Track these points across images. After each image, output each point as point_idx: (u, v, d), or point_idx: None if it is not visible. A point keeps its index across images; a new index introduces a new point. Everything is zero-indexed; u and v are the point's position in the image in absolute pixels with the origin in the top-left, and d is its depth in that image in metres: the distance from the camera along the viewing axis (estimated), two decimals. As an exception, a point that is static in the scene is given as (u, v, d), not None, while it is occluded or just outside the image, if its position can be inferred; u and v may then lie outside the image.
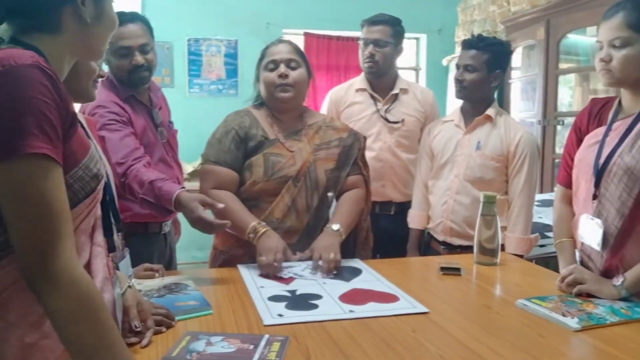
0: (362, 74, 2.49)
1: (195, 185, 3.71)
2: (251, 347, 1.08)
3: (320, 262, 1.63)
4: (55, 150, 0.80)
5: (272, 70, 1.80)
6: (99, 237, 0.98)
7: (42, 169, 0.78)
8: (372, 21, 2.38)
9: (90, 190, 0.91)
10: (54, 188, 0.79)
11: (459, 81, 2.09)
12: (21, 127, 0.77)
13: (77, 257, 0.82)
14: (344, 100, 2.46)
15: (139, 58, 1.85)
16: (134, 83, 1.90)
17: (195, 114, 4.49)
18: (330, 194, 1.86)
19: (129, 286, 1.17)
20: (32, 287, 0.79)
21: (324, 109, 2.51)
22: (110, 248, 1.05)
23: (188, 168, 4.23)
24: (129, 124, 1.84)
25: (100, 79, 1.18)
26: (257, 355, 1.04)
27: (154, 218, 1.91)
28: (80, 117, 1.11)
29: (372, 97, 2.42)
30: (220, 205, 1.56)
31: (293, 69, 1.81)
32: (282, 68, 1.79)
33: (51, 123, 0.80)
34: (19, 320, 0.83)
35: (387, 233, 2.11)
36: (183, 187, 1.62)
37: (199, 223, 1.54)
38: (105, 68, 1.91)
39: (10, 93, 0.78)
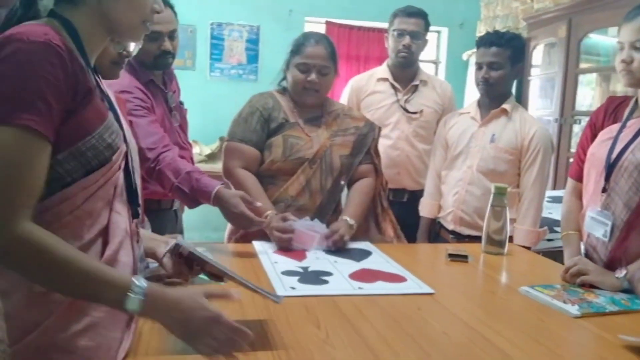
0: (385, 64, 2.53)
1: (212, 167, 3.80)
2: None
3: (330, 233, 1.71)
4: (43, 124, 0.85)
5: (303, 72, 1.85)
6: (118, 205, 1.02)
7: (21, 140, 0.83)
8: (409, 13, 2.42)
9: (104, 159, 0.95)
10: (28, 160, 0.84)
11: (485, 79, 2.11)
12: (12, 98, 0.83)
13: (28, 222, 0.85)
14: (364, 89, 2.51)
15: (167, 44, 1.86)
16: (158, 68, 1.92)
17: (215, 98, 4.57)
18: (342, 180, 1.92)
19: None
20: None
21: (344, 97, 2.55)
22: (134, 214, 1.10)
23: (206, 150, 4.30)
24: (153, 111, 1.87)
25: (127, 60, 1.22)
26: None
27: (167, 196, 1.95)
28: (110, 93, 1.18)
29: (393, 87, 2.46)
30: (258, 204, 1.64)
31: (324, 75, 1.86)
32: (314, 75, 1.84)
33: (46, 100, 0.85)
34: None
35: (399, 220, 2.16)
36: (222, 184, 1.67)
37: (240, 219, 1.61)
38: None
39: (15, 67, 0.84)
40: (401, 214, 2.20)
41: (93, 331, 0.92)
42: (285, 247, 1.68)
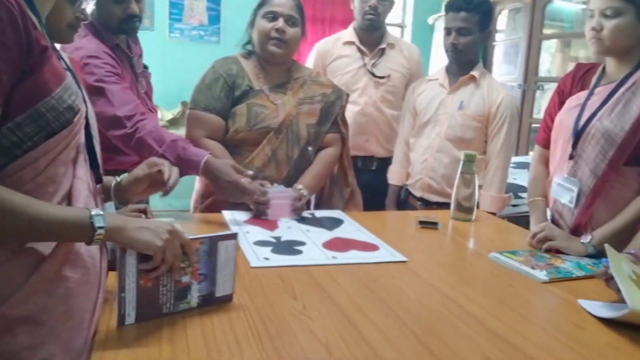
0: (351, 27, 2.47)
1: (174, 132, 3.69)
2: None
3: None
4: None
5: (270, 20, 1.78)
6: (81, 170, 1.00)
7: None
8: None
9: (66, 121, 0.92)
10: None
11: (453, 45, 2.08)
12: None
13: None
14: (330, 53, 2.45)
15: (134, 7, 1.78)
16: (124, 32, 1.83)
17: (175, 60, 4.40)
18: (310, 148, 1.89)
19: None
20: None
21: (309, 62, 2.49)
22: (97, 180, 1.08)
23: (167, 115, 4.18)
24: (123, 77, 1.78)
25: (82, 23, 1.16)
26: None
27: (135, 165, 1.90)
28: (65, 56, 1.11)
29: (360, 50, 2.41)
30: (249, 173, 1.61)
31: (291, 25, 1.80)
32: (281, 22, 1.78)
33: None
34: None
35: (368, 188, 2.16)
36: (210, 153, 1.63)
37: (231, 188, 1.57)
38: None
39: None
40: (371, 182, 2.21)
41: (64, 302, 0.90)
42: (263, 213, 1.66)
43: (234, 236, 1.06)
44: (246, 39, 1.90)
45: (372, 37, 2.43)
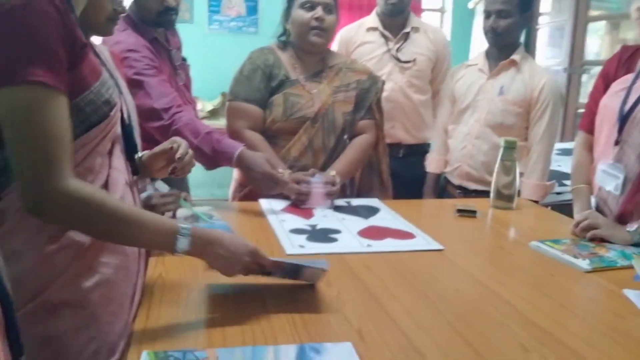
0: (374, 12, 2.40)
1: (215, 123, 3.75)
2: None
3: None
4: (57, 79, 0.84)
5: (308, 10, 1.78)
6: (117, 161, 1.03)
7: (41, 96, 0.82)
8: None
9: (103, 114, 0.95)
10: (51, 114, 0.83)
11: (493, 29, 2.03)
12: (25, 56, 0.82)
13: (72, 177, 0.86)
14: (354, 40, 2.40)
15: (171, 0, 1.77)
16: (160, 25, 1.84)
17: (215, 52, 4.46)
18: (346, 137, 1.88)
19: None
20: (32, 211, 0.85)
21: (333, 50, 2.47)
22: (134, 171, 1.12)
23: (208, 106, 4.25)
24: (161, 70, 1.80)
25: (121, 17, 1.18)
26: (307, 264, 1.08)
27: None
28: (103, 49, 1.14)
29: (384, 36, 2.35)
30: (281, 170, 1.64)
31: (328, 13, 1.80)
32: (320, 11, 1.78)
33: (55, 54, 0.84)
34: (39, 232, 0.89)
35: (395, 176, 2.12)
36: (244, 145, 1.65)
37: (264, 180, 1.59)
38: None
39: (17, 24, 0.81)
40: (397, 169, 2.16)
41: (103, 287, 0.94)
42: (302, 202, 1.67)
43: (323, 271, 1.07)
44: (281, 31, 1.90)
45: (396, 21, 2.36)
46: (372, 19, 2.40)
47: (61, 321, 0.90)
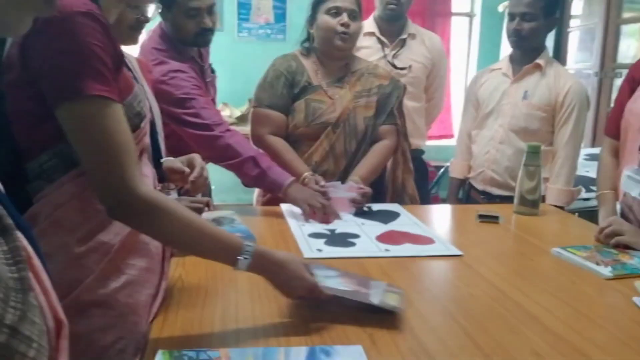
0: (371, 17, 2.37)
1: (243, 129, 3.80)
2: (367, 291, 1.06)
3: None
4: (112, 89, 0.88)
5: (334, 16, 1.81)
6: (146, 168, 1.07)
7: (102, 108, 0.87)
8: None
9: (135, 126, 0.98)
10: (113, 123, 0.88)
11: (517, 31, 2.01)
12: (81, 72, 0.85)
13: (142, 179, 0.91)
14: None
15: (207, 20, 1.72)
16: (198, 45, 1.81)
17: (243, 59, 4.53)
18: (367, 142, 1.89)
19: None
20: (111, 214, 0.90)
21: None
22: (160, 179, 1.15)
23: (236, 112, 4.31)
24: (203, 89, 1.80)
25: (145, 25, 1.21)
26: (376, 299, 1.02)
27: None
28: (131, 57, 1.18)
29: (380, 41, 2.33)
30: (308, 174, 1.72)
31: (353, 19, 1.82)
32: (345, 17, 1.80)
33: (106, 66, 0.88)
34: (69, 234, 0.93)
35: None
36: (293, 179, 1.67)
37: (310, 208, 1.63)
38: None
39: (69, 40, 0.85)
40: None
41: (130, 288, 0.97)
42: (325, 220, 1.62)
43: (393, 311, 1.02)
44: (304, 36, 1.93)
45: (393, 27, 2.33)
46: (369, 24, 2.37)
47: (90, 320, 0.93)
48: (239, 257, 0.94)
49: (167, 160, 1.27)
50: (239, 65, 4.43)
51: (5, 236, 0.47)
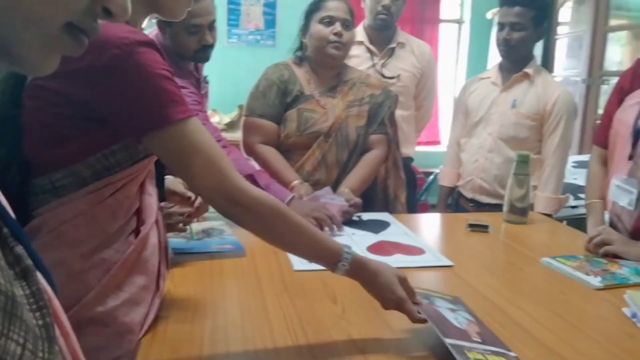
0: (360, 26, 2.35)
1: (232, 135, 3.78)
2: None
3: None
4: (187, 107, 0.92)
5: (327, 25, 1.81)
6: (149, 186, 1.06)
7: (188, 126, 0.90)
8: None
9: (149, 151, 0.98)
10: (201, 136, 0.92)
11: (506, 41, 2.03)
12: (162, 101, 0.89)
13: (243, 179, 0.94)
14: None
15: (208, 37, 1.71)
16: (197, 61, 1.81)
17: (233, 65, 4.52)
18: (359, 152, 1.90)
19: None
20: (229, 217, 0.95)
21: None
22: (161, 198, 1.14)
23: (225, 119, 4.29)
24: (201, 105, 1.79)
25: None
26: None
27: None
28: None
29: (369, 50, 2.32)
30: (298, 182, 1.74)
31: (346, 28, 1.82)
32: (339, 27, 1.81)
33: (177, 86, 0.91)
34: (71, 250, 0.91)
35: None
36: (293, 195, 1.65)
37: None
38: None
39: (142, 74, 0.87)
40: None
41: (127, 307, 0.95)
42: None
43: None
44: (297, 46, 1.93)
45: (383, 36, 2.33)
46: (358, 33, 2.34)
47: (86, 339, 0.91)
48: (338, 264, 0.97)
49: (170, 182, 1.26)
50: (228, 71, 4.42)
51: (26, 279, 0.45)
